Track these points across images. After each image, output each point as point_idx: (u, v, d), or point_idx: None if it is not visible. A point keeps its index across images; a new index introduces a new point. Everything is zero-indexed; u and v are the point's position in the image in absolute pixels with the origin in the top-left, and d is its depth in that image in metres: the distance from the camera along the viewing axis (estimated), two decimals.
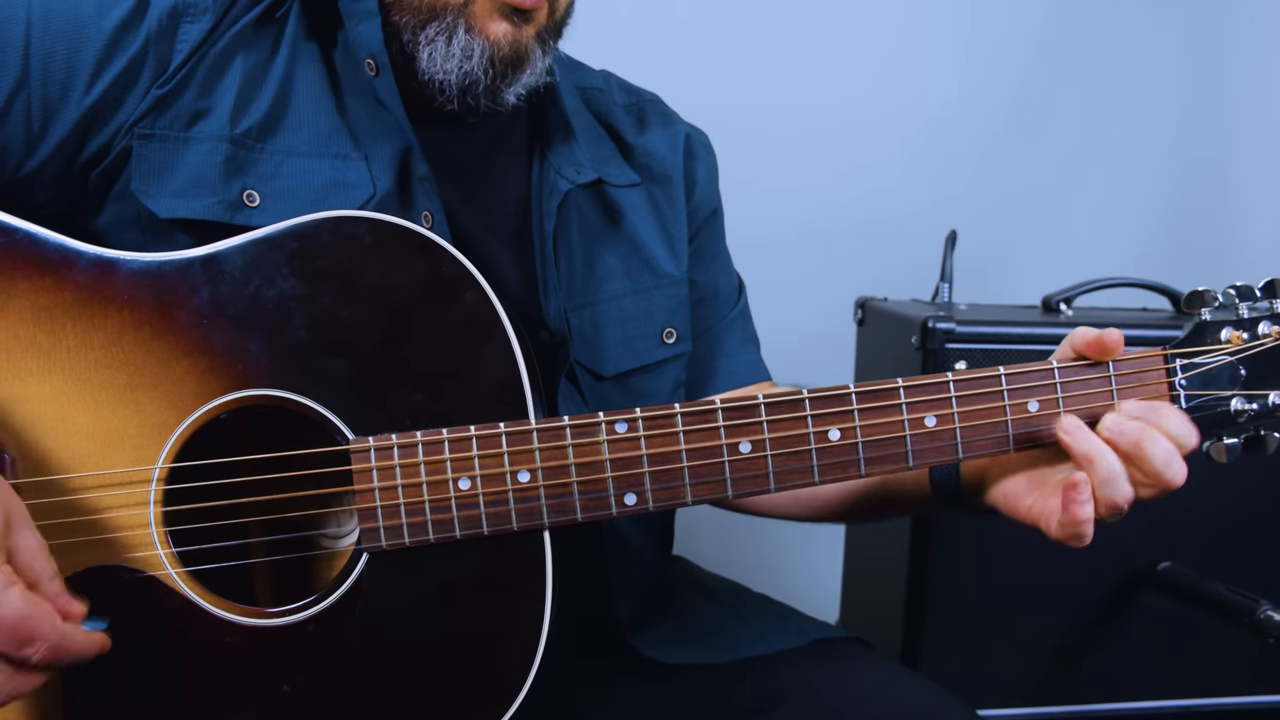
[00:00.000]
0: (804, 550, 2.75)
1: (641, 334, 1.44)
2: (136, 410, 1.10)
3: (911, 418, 1.15)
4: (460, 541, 1.13)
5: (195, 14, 1.24)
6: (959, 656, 1.96)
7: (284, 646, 1.12)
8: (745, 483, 1.15)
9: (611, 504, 1.14)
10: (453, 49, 1.27)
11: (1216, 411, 1.18)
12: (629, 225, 1.46)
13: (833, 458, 1.15)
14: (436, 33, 1.27)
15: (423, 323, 1.13)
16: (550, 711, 1.20)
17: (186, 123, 1.23)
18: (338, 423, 1.12)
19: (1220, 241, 2.98)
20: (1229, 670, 2.02)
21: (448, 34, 1.26)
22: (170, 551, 1.10)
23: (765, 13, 2.67)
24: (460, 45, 1.26)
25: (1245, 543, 1.99)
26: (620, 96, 1.56)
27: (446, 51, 1.27)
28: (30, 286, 1.10)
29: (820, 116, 2.72)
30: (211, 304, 1.12)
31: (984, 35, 2.79)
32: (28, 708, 1.08)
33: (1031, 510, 1.19)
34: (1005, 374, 1.16)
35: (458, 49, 1.27)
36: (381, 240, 1.13)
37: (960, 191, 2.79)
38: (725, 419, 1.14)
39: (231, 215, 1.21)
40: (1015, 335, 1.92)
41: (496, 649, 1.14)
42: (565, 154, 1.42)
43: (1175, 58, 2.91)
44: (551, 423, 1.13)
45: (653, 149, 1.52)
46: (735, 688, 1.36)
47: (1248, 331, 1.19)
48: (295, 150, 1.26)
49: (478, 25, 1.27)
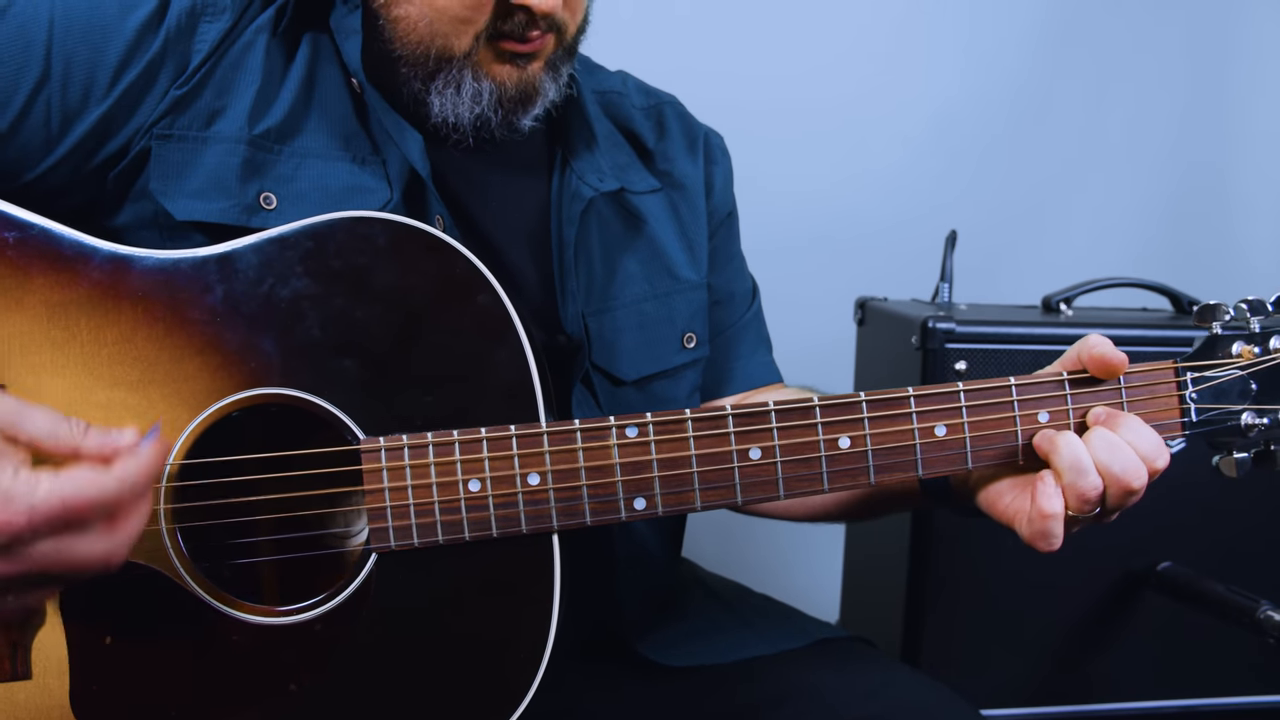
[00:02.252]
0: (804, 550, 2.75)
1: (663, 338, 1.45)
2: (149, 407, 1.11)
3: (921, 427, 1.15)
4: (469, 543, 1.13)
5: (214, 13, 1.25)
6: (959, 656, 1.97)
7: (291, 645, 1.12)
8: (755, 489, 1.15)
9: (621, 508, 1.14)
10: (462, 96, 1.28)
11: (1227, 425, 1.19)
12: (649, 231, 1.46)
13: (842, 465, 1.15)
14: (445, 84, 1.28)
15: (435, 324, 1.13)
16: (555, 714, 1.20)
17: (205, 123, 1.24)
18: (349, 422, 1.12)
19: (1220, 242, 2.99)
20: (1229, 670, 2.03)
21: (456, 84, 1.28)
22: (179, 549, 1.11)
23: (764, 15, 2.67)
24: (469, 92, 1.28)
25: (1245, 543, 2.00)
26: (639, 99, 1.56)
27: (457, 98, 1.29)
28: (46, 282, 1.10)
29: (820, 117, 2.73)
30: (225, 302, 1.12)
31: (984, 36, 2.79)
32: (34, 701, 1.09)
33: (1008, 509, 1.19)
34: (1016, 384, 1.16)
35: (467, 96, 1.28)
36: (395, 241, 1.13)
37: (960, 192, 2.79)
38: (736, 425, 1.14)
39: (248, 219, 1.22)
40: (1015, 335, 1.92)
41: (503, 652, 1.14)
42: (588, 161, 1.42)
43: (1176, 59, 2.92)
44: (562, 426, 1.13)
45: (672, 155, 1.53)
46: (739, 688, 1.36)
47: (1259, 346, 1.19)
48: (314, 152, 1.27)
49: (484, 70, 1.28)
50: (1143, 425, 1.14)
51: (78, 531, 0.92)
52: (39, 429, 0.93)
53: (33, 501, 0.89)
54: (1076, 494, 1.11)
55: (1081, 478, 1.11)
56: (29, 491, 0.89)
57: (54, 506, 0.90)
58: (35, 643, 1.09)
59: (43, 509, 0.89)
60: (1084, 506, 1.11)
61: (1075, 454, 1.11)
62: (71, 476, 0.91)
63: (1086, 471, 1.11)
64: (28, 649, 1.09)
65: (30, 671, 1.09)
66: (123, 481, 0.93)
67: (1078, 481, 1.11)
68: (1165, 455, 1.13)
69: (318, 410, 1.12)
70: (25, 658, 1.09)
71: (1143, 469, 1.12)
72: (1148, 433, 1.13)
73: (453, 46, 1.26)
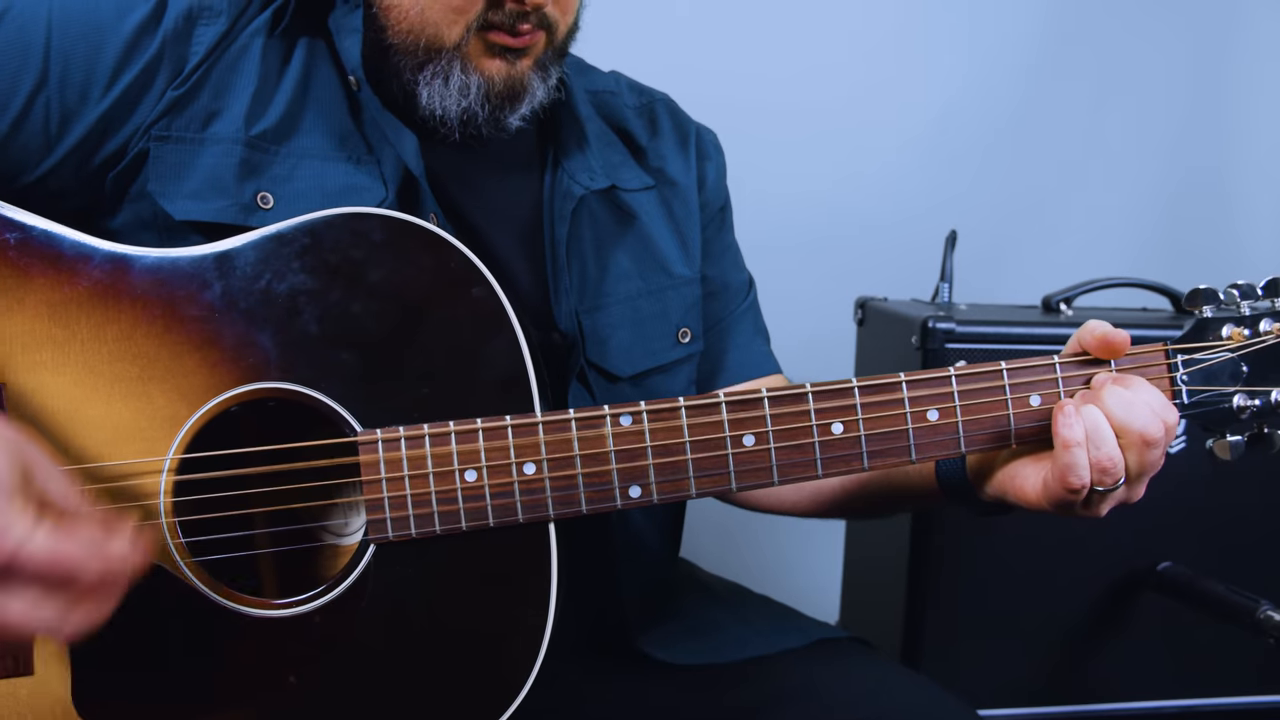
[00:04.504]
0: (804, 550, 2.75)
1: (658, 334, 1.46)
2: (148, 403, 1.11)
3: (914, 411, 1.16)
4: (467, 536, 1.14)
5: (211, 17, 1.26)
6: (959, 656, 1.96)
7: (290, 638, 1.13)
8: (749, 475, 1.15)
9: (616, 496, 1.15)
10: (450, 88, 1.29)
11: (1219, 408, 1.19)
12: (642, 227, 1.47)
13: (836, 451, 1.16)
14: (433, 74, 1.29)
15: (431, 317, 1.14)
16: (553, 709, 1.21)
17: (201, 124, 1.25)
18: (346, 415, 1.13)
19: (1219, 242, 2.99)
20: (1229, 670, 2.03)
21: (444, 75, 1.29)
22: (179, 542, 1.11)
23: (764, 15, 2.67)
24: (457, 85, 1.29)
25: (1245, 543, 2.00)
26: (631, 98, 1.57)
27: (445, 90, 1.29)
28: (46, 281, 1.11)
29: (820, 117, 2.73)
30: (223, 298, 1.13)
31: (984, 36, 2.80)
32: (35, 696, 1.10)
33: (1028, 481, 1.18)
34: (1007, 368, 1.17)
35: (454, 88, 1.29)
36: (391, 236, 1.14)
37: (960, 192, 2.79)
38: (729, 412, 1.15)
39: (245, 218, 1.23)
40: (1015, 335, 1.93)
41: (501, 644, 1.15)
42: (579, 160, 1.43)
43: (1176, 59, 2.92)
44: (557, 415, 1.14)
45: (665, 152, 1.53)
46: (737, 687, 1.36)
47: (1249, 328, 1.19)
48: (310, 153, 1.28)
49: (473, 63, 1.29)
50: (1147, 384, 1.14)
51: (45, 591, 0.91)
52: (51, 484, 0.94)
53: (25, 544, 0.89)
54: (1099, 466, 1.11)
55: (1104, 443, 1.11)
56: (26, 534, 0.89)
57: (42, 557, 0.89)
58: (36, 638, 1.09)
59: (31, 553, 0.89)
60: (1105, 479, 1.11)
61: (1094, 421, 1.11)
62: (70, 537, 0.91)
63: (1106, 439, 1.11)
64: (29, 644, 1.10)
65: (32, 667, 1.10)
66: (110, 564, 0.93)
67: (1102, 454, 1.11)
68: (1174, 411, 1.13)
69: (315, 404, 1.13)
70: (27, 653, 1.10)
71: (1159, 421, 1.11)
72: (1155, 391, 1.14)
73: (443, 36, 1.27)
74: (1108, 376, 1.15)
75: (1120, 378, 1.15)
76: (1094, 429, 1.11)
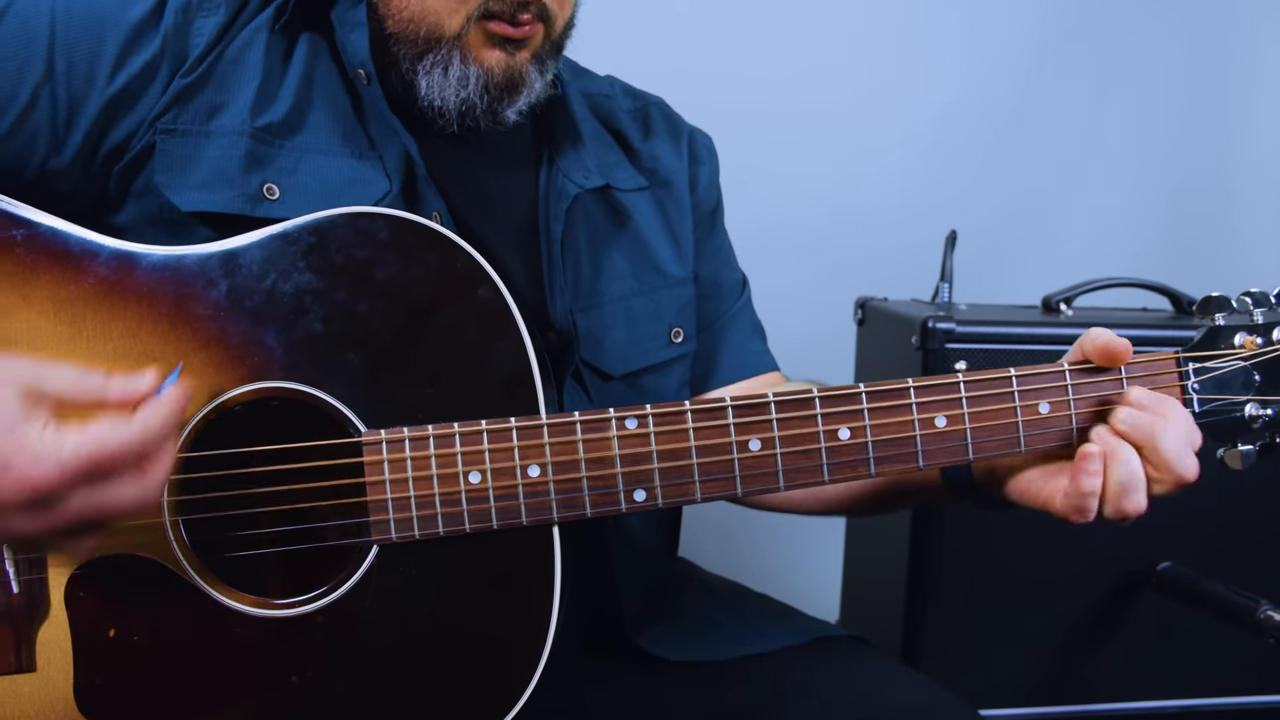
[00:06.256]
0: (804, 550, 2.75)
1: (650, 334, 1.46)
2: None
3: (922, 418, 1.16)
4: (470, 537, 1.14)
5: (209, 8, 1.27)
6: (959, 656, 1.96)
7: (293, 638, 1.13)
8: (755, 480, 1.15)
9: (621, 500, 1.15)
10: (449, 78, 1.29)
11: (1231, 417, 1.19)
12: (636, 227, 1.47)
13: (842, 457, 1.16)
14: (433, 64, 1.29)
15: (436, 318, 1.14)
16: (555, 708, 1.21)
17: (206, 118, 1.25)
18: (350, 415, 1.13)
19: (1220, 241, 2.99)
20: (1229, 670, 2.03)
21: (444, 65, 1.29)
22: (182, 541, 1.11)
23: (765, 15, 2.67)
24: (456, 75, 1.29)
25: (1245, 543, 2.00)
26: (625, 102, 1.58)
27: (444, 80, 1.30)
28: (52, 278, 1.11)
29: (820, 117, 2.73)
30: (228, 297, 1.12)
31: (984, 35, 2.79)
32: (38, 693, 1.09)
33: (1042, 491, 1.19)
34: (1016, 375, 1.17)
35: (454, 78, 1.29)
36: (397, 236, 1.14)
37: (960, 192, 2.79)
38: (735, 416, 1.15)
39: (252, 208, 1.23)
40: (1015, 335, 1.92)
41: (504, 645, 1.15)
42: (574, 159, 1.43)
43: (1176, 59, 2.92)
44: (562, 418, 1.14)
45: (658, 154, 1.54)
46: (737, 685, 1.36)
47: (1262, 337, 1.19)
48: (314, 147, 1.28)
49: (473, 54, 1.29)
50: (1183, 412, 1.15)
51: (108, 481, 0.95)
52: (62, 384, 0.96)
53: (61, 458, 0.92)
54: (1118, 485, 1.12)
55: (1129, 472, 1.12)
56: (57, 448, 0.92)
57: (82, 460, 0.92)
58: (39, 635, 1.09)
59: (72, 464, 0.92)
60: (1124, 498, 1.12)
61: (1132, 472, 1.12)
62: (97, 429, 0.94)
63: (1133, 464, 1.12)
64: (32, 641, 1.10)
65: (35, 664, 1.10)
66: (146, 428, 0.96)
67: (1124, 476, 1.12)
68: (1199, 435, 1.15)
69: (320, 404, 1.13)
70: (30, 650, 1.10)
71: (1195, 461, 1.13)
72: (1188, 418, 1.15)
73: (444, 25, 1.27)
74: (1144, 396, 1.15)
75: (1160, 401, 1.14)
76: (1130, 479, 1.12)
